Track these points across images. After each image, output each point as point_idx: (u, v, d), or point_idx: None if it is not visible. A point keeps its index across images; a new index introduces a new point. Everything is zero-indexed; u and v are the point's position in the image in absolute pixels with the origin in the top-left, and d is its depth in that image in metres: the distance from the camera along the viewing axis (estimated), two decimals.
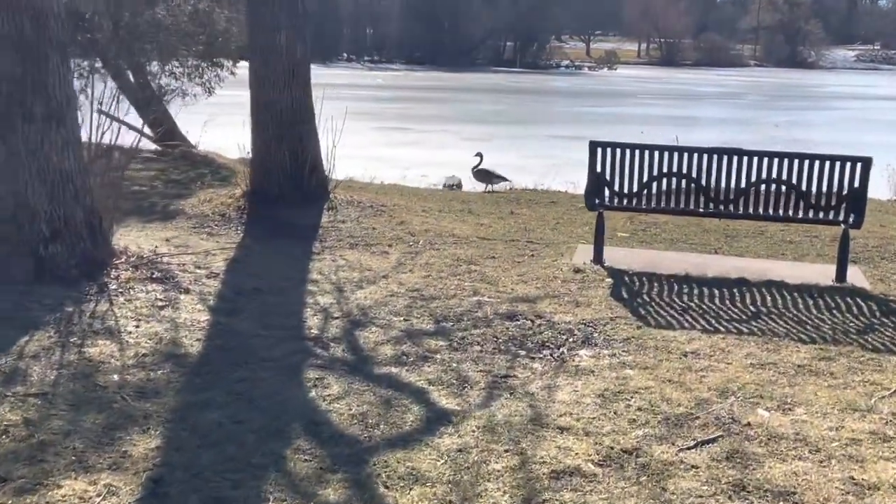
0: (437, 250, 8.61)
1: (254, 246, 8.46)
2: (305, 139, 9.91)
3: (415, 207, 10.61)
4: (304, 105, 9.90)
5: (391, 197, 11.39)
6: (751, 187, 7.92)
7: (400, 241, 8.91)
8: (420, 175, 16.76)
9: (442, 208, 10.86)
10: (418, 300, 6.99)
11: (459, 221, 10.14)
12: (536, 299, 7.16)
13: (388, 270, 7.81)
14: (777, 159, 7.83)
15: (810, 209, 7.89)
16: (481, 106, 38.86)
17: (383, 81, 55.24)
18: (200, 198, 10.18)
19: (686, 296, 7.45)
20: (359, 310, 6.67)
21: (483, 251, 8.67)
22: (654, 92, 51.65)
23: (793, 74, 75.21)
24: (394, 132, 26.96)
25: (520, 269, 8.09)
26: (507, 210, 11.18)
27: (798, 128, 31.11)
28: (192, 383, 5.15)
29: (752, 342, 6.33)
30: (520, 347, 6.11)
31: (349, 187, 11.96)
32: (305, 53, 9.86)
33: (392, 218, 9.84)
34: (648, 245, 9.51)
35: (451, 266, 8.05)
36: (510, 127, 29.86)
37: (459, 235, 9.31)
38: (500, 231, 9.74)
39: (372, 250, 8.49)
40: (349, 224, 9.41)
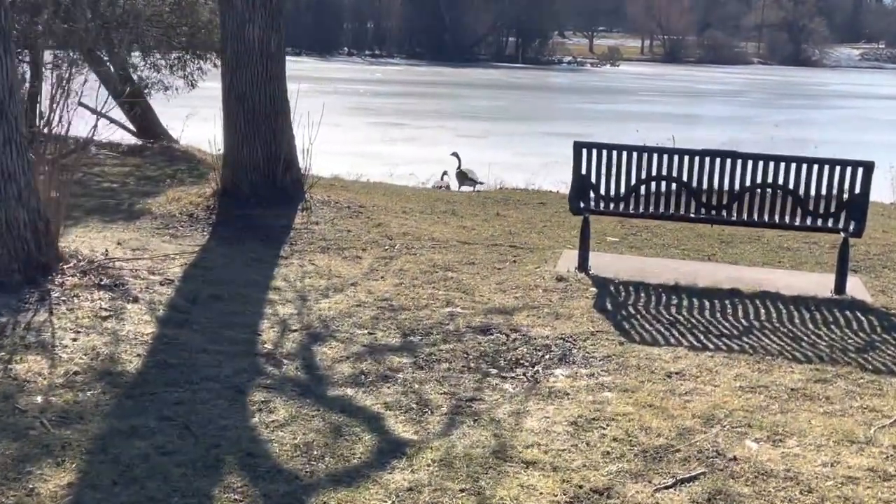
0: (413, 255, 8.14)
1: (218, 249, 7.99)
2: (280, 135, 9.43)
3: (395, 208, 10.14)
4: (278, 99, 9.42)
5: (372, 197, 10.92)
6: (745, 192, 7.45)
7: (375, 244, 8.44)
8: (409, 173, 16.25)
9: (424, 209, 10.38)
10: (386, 311, 6.52)
11: (441, 224, 9.67)
12: (514, 311, 6.69)
13: (359, 277, 7.35)
14: (773, 163, 7.36)
15: (808, 216, 7.42)
16: (480, 102, 38.39)
17: (382, 76, 54.80)
18: (169, 196, 9.70)
19: (674, 308, 6.98)
20: (320, 321, 6.20)
21: (462, 256, 8.20)
22: (656, 89, 51.16)
23: (796, 72, 74.68)
24: (389, 128, 26.50)
25: (499, 276, 7.62)
26: (494, 212, 10.70)
27: (799, 127, 30.63)
28: (122, 406, 4.68)
29: (742, 361, 5.86)
30: (491, 365, 5.65)
31: (330, 186, 11.49)
32: (280, 45, 9.38)
33: (369, 220, 9.37)
34: (639, 251, 9.04)
35: (427, 273, 7.58)
36: (507, 123, 29.40)
37: (439, 239, 8.84)
38: (483, 234, 9.27)
39: (344, 255, 8.02)
40: (323, 226, 8.94)
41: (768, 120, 33.17)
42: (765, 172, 7.38)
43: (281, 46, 9.39)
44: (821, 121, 34.47)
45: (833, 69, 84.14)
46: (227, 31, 9.32)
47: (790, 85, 58.72)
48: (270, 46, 9.27)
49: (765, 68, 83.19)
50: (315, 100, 34.35)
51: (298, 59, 70.42)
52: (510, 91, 46.86)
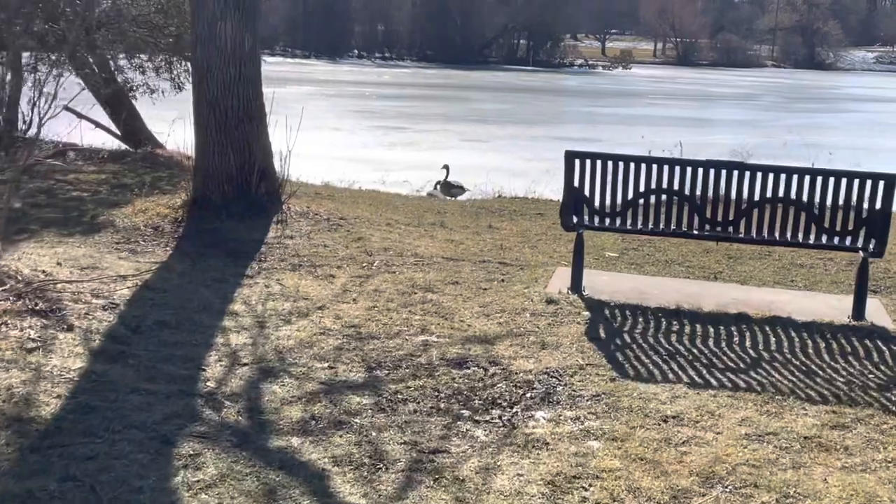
0: (392, 273, 7.48)
1: (178, 266, 7.33)
2: (254, 143, 8.78)
3: (380, 220, 9.48)
4: (252, 104, 8.77)
5: (357, 207, 10.26)
6: (754, 207, 6.76)
7: (352, 261, 7.78)
8: (402, 180, 15.60)
9: (411, 221, 9.72)
10: (353, 340, 5.86)
11: (427, 237, 9.00)
12: (496, 339, 6.03)
13: (328, 299, 6.69)
14: (785, 175, 6.67)
15: (823, 234, 6.73)
16: (486, 105, 37.69)
17: (390, 78, 54.14)
18: (137, 207, 9.06)
19: (675, 336, 6.30)
20: (276, 353, 5.54)
21: (445, 275, 7.54)
22: (667, 92, 50.38)
23: (810, 76, 73.77)
24: (391, 131, 25.84)
25: (484, 298, 6.96)
26: (486, 223, 10.04)
27: (813, 131, 29.84)
28: (24, 462, 4.03)
29: (748, 401, 5.17)
30: (464, 406, 4.99)
31: (314, 195, 10.85)
32: (254, 46, 8.74)
33: (349, 233, 8.71)
34: (639, 268, 8.36)
35: (404, 294, 6.92)
36: (513, 127, 28.70)
37: (422, 255, 8.17)
38: (472, 249, 8.60)
39: (316, 273, 7.36)
40: (298, 240, 8.29)
41: (781, 124, 32.39)
42: (775, 185, 6.69)
43: (255, 47, 8.76)
44: (835, 125, 33.66)
45: (847, 72, 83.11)
46: (197, 30, 8.69)
47: (804, 88, 57.84)
48: (244, 47, 8.63)
49: (778, 71, 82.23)
50: (317, 102, 33.83)
51: (307, 62, 70.02)
52: (518, 94, 46.14)
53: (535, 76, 63.94)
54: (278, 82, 45.76)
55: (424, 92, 43.52)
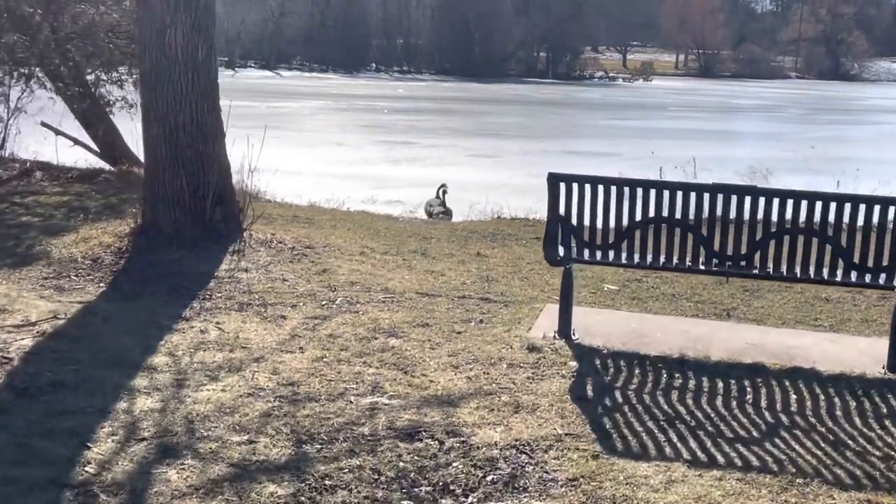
0: (354, 314, 6.51)
1: (106, 308, 6.38)
2: (210, 163, 7.85)
3: (353, 248, 8.51)
4: (208, 121, 7.84)
5: (332, 232, 9.31)
6: (770, 239, 5.75)
7: (311, 298, 6.81)
8: (395, 199, 14.67)
9: (389, 249, 8.74)
10: (286, 403, 4.89)
11: (404, 268, 8.02)
12: (461, 400, 5.04)
13: (271, 348, 5.72)
14: (806, 201, 5.64)
15: (852, 270, 5.70)
16: (501, 118, 36.75)
17: (405, 92, 53.34)
18: (81, 235, 8.13)
19: (676, 393, 5.29)
20: (186, 423, 4.57)
21: (416, 315, 6.56)
22: (688, 104, 49.29)
23: (834, 87, 72.44)
24: (397, 146, 24.92)
25: (456, 344, 5.97)
26: (474, 250, 9.05)
27: (838, 144, 28.71)
28: None
29: (762, 487, 4.17)
30: (407, 495, 4.01)
31: (293, 218, 9.95)
32: (210, 56, 7.80)
33: (315, 264, 7.74)
34: (641, 303, 7.35)
35: (363, 340, 5.95)
36: (525, 141, 27.72)
37: (394, 290, 7.19)
38: (453, 282, 7.62)
39: (265, 314, 6.40)
40: (253, 273, 7.32)
41: (804, 137, 31.25)
42: (795, 213, 5.66)
43: (211, 56, 7.82)
44: (861, 138, 32.49)
45: (873, 83, 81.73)
46: (143, 38, 7.77)
47: (828, 99, 56.57)
48: (197, 56, 7.70)
49: (802, 83, 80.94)
50: (326, 116, 32.96)
51: (323, 76, 69.41)
52: (535, 107, 45.19)
53: (553, 89, 63.01)
54: (290, 96, 45.18)
55: (438, 105, 42.62)
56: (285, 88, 52.34)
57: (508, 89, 59.53)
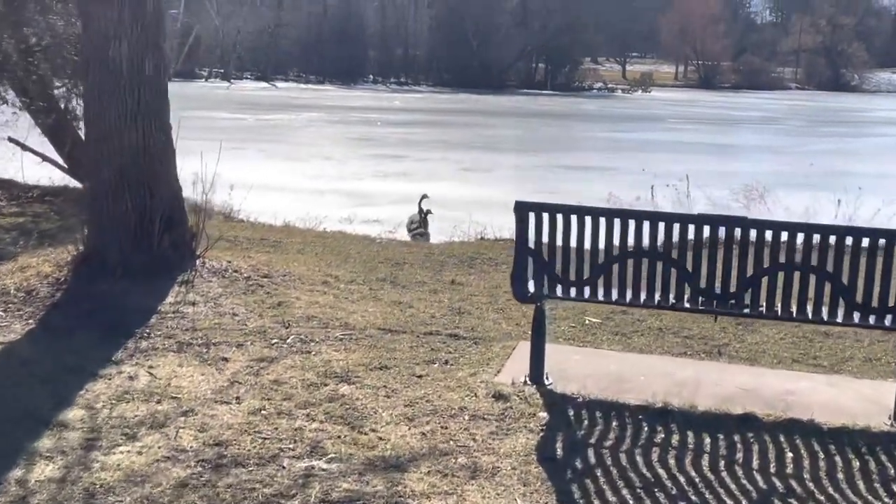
0: (305, 354, 5.90)
1: (27, 350, 5.78)
2: (158, 185, 7.24)
3: (316, 276, 7.90)
4: (157, 141, 7.23)
5: (296, 258, 8.71)
6: (762, 276, 5.14)
7: (260, 336, 6.20)
8: (378, 218, 14.09)
9: (355, 277, 8.14)
10: (208, 469, 4.28)
11: (370, 299, 7.42)
12: (411, 463, 4.43)
13: (204, 398, 5.11)
14: (802, 234, 5.03)
15: (854, 311, 5.09)
16: (496, 131, 36.17)
17: (401, 104, 52.77)
18: (19, 263, 7.52)
19: (657, 452, 4.68)
20: (85, 497, 3.97)
21: (375, 355, 5.96)
22: (687, 116, 48.73)
23: (835, 98, 71.92)
24: (386, 160, 24.33)
25: (415, 390, 5.37)
26: (449, 278, 8.45)
27: (839, 158, 28.12)
28: None
29: None
30: None
31: (260, 241, 9.35)
32: (159, 69, 7.21)
33: (270, 296, 7.12)
34: (625, 339, 6.75)
35: (310, 387, 5.35)
36: (519, 155, 27.15)
37: (354, 325, 6.59)
38: (420, 316, 7.01)
39: (206, 355, 5.79)
40: (201, 307, 6.71)
41: (805, 150, 30.68)
42: (790, 247, 5.06)
43: (161, 70, 7.23)
44: (862, 150, 31.90)
45: (873, 94, 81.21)
46: (85, 50, 7.18)
47: (828, 111, 55.99)
48: (145, 70, 7.10)
49: (802, 94, 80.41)
50: (317, 129, 32.37)
51: (319, 88, 68.86)
52: (532, 119, 44.61)
53: (551, 100, 62.49)
54: (283, 108, 44.60)
55: (433, 118, 42.05)
56: (279, 100, 51.82)
57: (506, 101, 58.98)
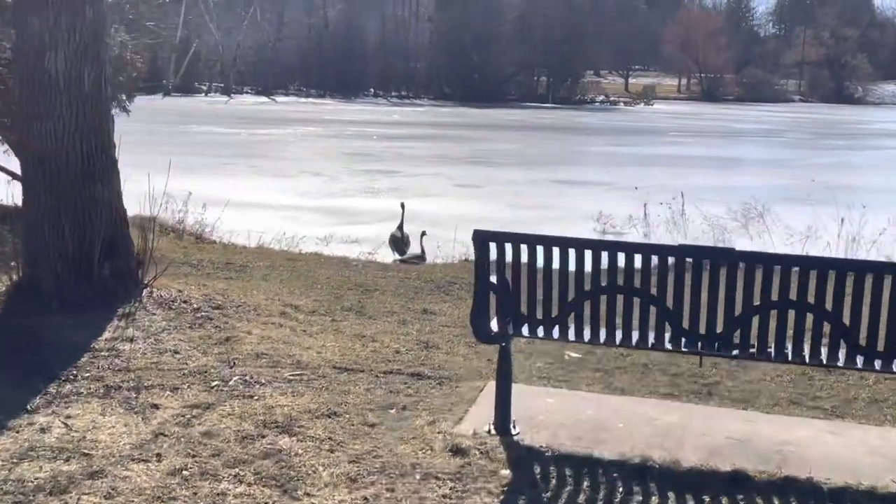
0: (247, 399, 5.30)
1: None
2: (98, 210, 6.66)
3: (274, 306, 7.30)
4: (96, 160, 6.66)
5: (257, 285, 8.12)
6: (753, 315, 4.53)
7: (200, 378, 5.60)
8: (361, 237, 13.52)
9: (318, 306, 7.54)
10: None
11: (330, 332, 6.82)
12: None
13: (120, 456, 4.51)
14: (798, 268, 4.42)
15: (857, 354, 4.48)
16: (493, 145, 35.59)
17: (400, 117, 52.26)
18: None
19: None
20: None
21: (325, 400, 5.36)
22: (688, 129, 48.13)
23: (838, 110, 71.31)
24: (378, 176, 23.75)
25: (363, 443, 4.76)
26: (421, 306, 7.86)
27: (842, 171, 27.50)
28: None
29: None
30: None
31: (215, 267, 8.75)
32: (100, 84, 6.63)
33: (219, 329, 6.52)
34: (607, 377, 6.15)
35: (245, 440, 4.74)
36: (514, 169, 26.56)
37: (307, 364, 5.99)
38: (383, 351, 6.41)
39: (134, 402, 5.19)
40: (140, 344, 6.11)
41: (808, 163, 30.07)
42: (784, 283, 4.45)
43: (101, 84, 6.65)
44: (865, 164, 31.27)
45: (877, 106, 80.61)
46: (18, 62, 6.60)
47: (832, 124, 55.37)
48: (83, 84, 6.53)
49: (806, 106, 79.83)
50: (311, 144, 31.83)
51: (319, 102, 68.42)
52: (531, 132, 44.05)
53: (552, 113, 61.95)
54: (279, 123, 44.05)
55: (431, 131, 41.50)
56: (276, 115, 51.34)
57: (506, 114, 58.42)
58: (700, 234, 11.31)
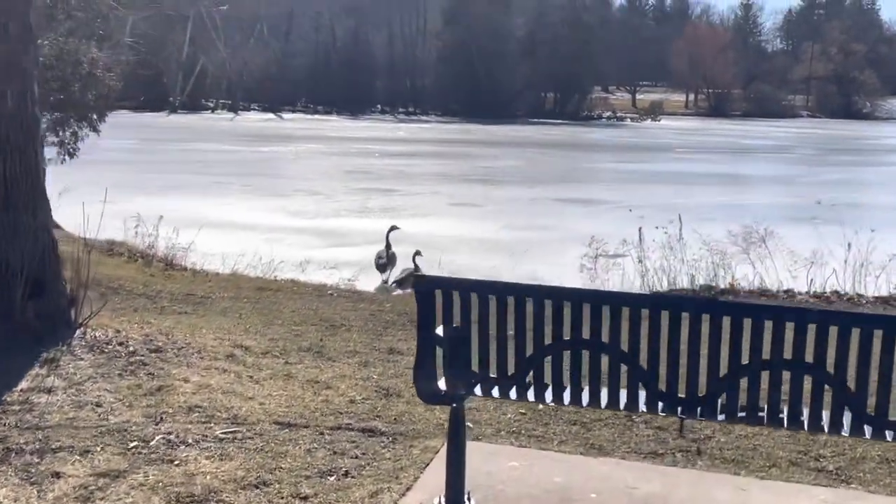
0: (165, 465, 4.63)
1: None
2: (18, 240, 6.02)
3: (222, 347, 6.64)
4: (18, 186, 6.02)
5: (211, 321, 7.47)
6: (741, 376, 3.84)
7: (118, 438, 4.94)
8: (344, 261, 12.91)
9: (274, 346, 6.88)
10: None
11: (280, 378, 6.15)
12: None
13: None
14: (794, 321, 3.74)
15: (864, 422, 3.79)
16: (496, 162, 34.95)
17: (405, 134, 51.71)
18: None
19: None
20: None
21: (256, 464, 4.69)
22: (694, 145, 47.46)
23: (846, 126, 70.55)
24: (375, 194, 23.11)
25: None
26: (388, 344, 7.20)
27: (850, 188, 26.78)
28: None
29: None
30: None
31: (172, 299, 8.10)
32: (23, 100, 6.00)
33: (153, 377, 5.86)
34: (585, 430, 5.48)
35: None
36: (516, 187, 25.90)
37: (245, 418, 5.32)
38: (335, 401, 5.74)
39: (34, 469, 4.53)
40: (59, 395, 5.46)
41: (814, 180, 29.38)
42: (777, 340, 3.77)
43: (26, 104, 6.02)
44: (874, 181, 30.53)
45: (885, 122, 79.81)
46: None
47: (840, 139, 54.61)
48: (5, 103, 5.89)
49: (814, 121, 79.11)
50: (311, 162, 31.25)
51: (325, 118, 67.99)
52: (536, 149, 43.39)
53: (559, 130, 61.35)
54: (283, 140, 43.51)
55: (435, 149, 40.88)
56: (281, 131, 50.87)
57: (512, 130, 57.80)
58: (699, 258, 10.64)
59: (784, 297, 10.07)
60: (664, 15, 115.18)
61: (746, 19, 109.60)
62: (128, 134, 42.96)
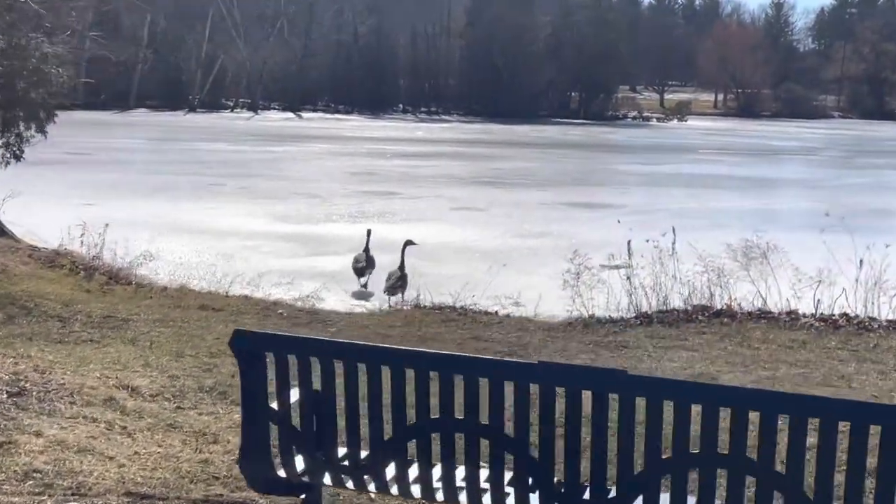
0: None
1: None
2: None
3: (103, 388, 5.66)
4: None
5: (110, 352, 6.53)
6: (661, 474, 2.84)
7: None
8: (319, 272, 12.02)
9: (167, 387, 5.90)
10: None
11: (160, 429, 5.18)
12: None
13: None
14: (732, 409, 2.72)
15: None
16: (509, 163, 33.88)
17: (423, 134, 50.72)
18: None
19: None
20: None
21: None
22: (720, 146, 46.14)
23: (878, 126, 68.88)
24: (375, 198, 22.12)
25: None
26: None
27: (879, 193, 25.53)
28: None
29: None
30: None
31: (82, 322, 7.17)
32: None
33: (0, 430, 4.89)
34: None
35: None
36: (524, 190, 24.83)
37: (91, 487, 4.36)
38: (217, 461, 4.77)
39: None
40: None
41: (842, 184, 28.13)
42: (708, 426, 2.75)
43: None
44: None
45: None
46: None
47: (870, 140, 53.05)
48: None
49: (845, 122, 77.44)
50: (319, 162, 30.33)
51: (344, 118, 67.21)
52: (554, 149, 42.26)
53: (581, 130, 60.17)
54: (296, 140, 42.56)
55: (450, 149, 39.85)
56: (297, 131, 50.05)
57: (534, 130, 56.65)
58: (692, 276, 9.57)
59: (787, 320, 9.00)
60: (694, 13, 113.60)
61: (777, 18, 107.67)
62: (139, 133, 42.34)
